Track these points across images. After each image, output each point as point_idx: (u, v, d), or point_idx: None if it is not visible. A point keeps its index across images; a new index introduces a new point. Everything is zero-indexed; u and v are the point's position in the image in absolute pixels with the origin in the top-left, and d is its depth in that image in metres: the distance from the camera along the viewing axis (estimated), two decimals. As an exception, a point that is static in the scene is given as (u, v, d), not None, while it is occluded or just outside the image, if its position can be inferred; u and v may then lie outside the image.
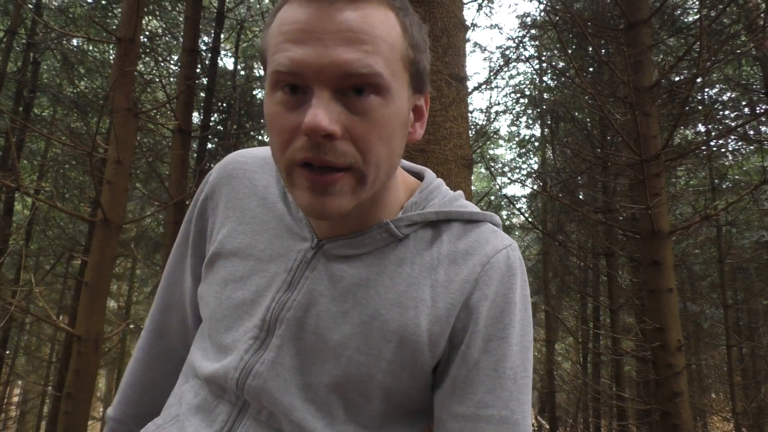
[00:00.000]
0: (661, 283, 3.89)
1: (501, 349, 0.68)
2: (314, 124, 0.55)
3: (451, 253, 0.70)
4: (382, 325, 0.67)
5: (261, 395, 0.68)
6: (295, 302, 0.68)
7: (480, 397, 0.67)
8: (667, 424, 3.74)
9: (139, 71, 6.12)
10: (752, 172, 7.89)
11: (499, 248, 0.70)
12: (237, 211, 0.76)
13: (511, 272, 0.70)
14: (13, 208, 7.06)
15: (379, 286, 0.68)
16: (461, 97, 1.42)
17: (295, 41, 0.58)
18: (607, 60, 4.59)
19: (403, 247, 0.70)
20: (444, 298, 0.68)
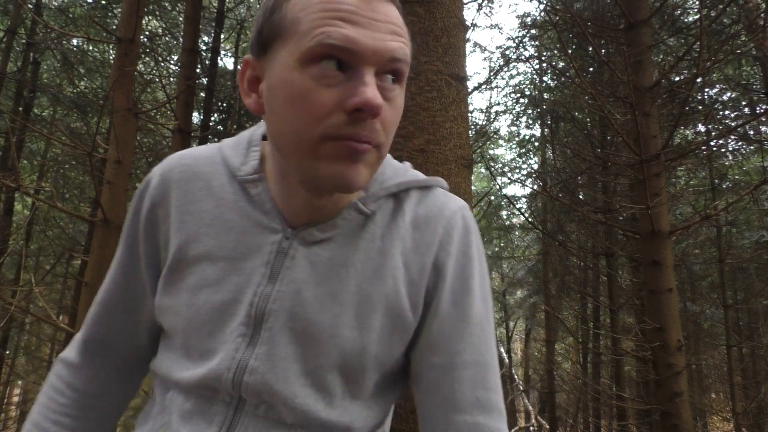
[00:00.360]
0: (661, 283, 3.89)
1: (467, 300, 0.75)
2: (375, 102, 0.58)
3: (413, 219, 0.75)
4: (366, 298, 0.71)
5: (260, 390, 0.69)
6: (280, 293, 0.70)
7: (453, 346, 0.74)
8: (667, 424, 3.74)
9: (139, 71, 6.12)
10: (752, 172, 7.89)
11: (455, 209, 0.78)
12: (194, 215, 0.74)
13: (467, 230, 0.78)
14: (13, 208, 7.06)
15: (357, 263, 0.72)
16: (461, 97, 1.42)
17: (347, 21, 0.60)
18: (607, 60, 4.59)
19: (371, 222, 0.74)
20: (415, 262, 0.74)
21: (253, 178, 0.73)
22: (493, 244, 13.24)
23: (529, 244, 12.19)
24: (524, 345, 15.86)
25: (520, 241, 12.57)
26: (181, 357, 0.74)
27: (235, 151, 0.77)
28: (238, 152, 0.77)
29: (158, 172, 0.77)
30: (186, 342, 0.73)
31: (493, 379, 0.76)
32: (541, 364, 11.69)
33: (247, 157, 0.75)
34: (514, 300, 14.43)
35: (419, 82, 1.36)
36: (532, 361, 14.44)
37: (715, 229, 6.93)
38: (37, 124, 7.24)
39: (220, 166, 0.76)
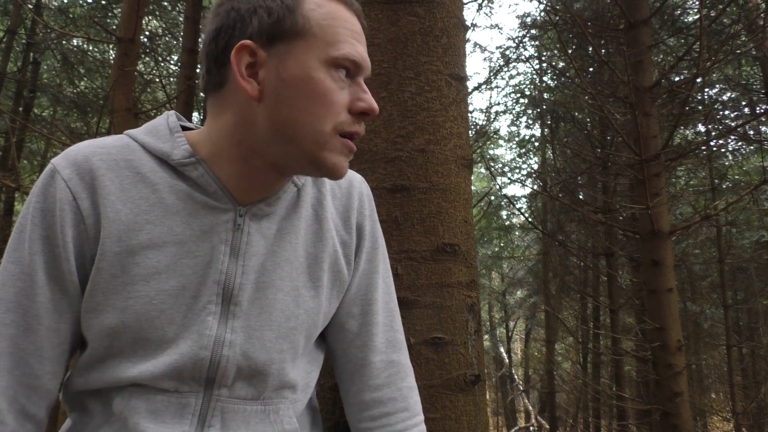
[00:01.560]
0: (661, 283, 3.89)
1: (377, 256, 0.90)
2: (375, 108, 0.72)
3: (331, 188, 0.87)
4: (315, 260, 0.81)
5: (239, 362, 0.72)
6: (245, 266, 0.74)
7: (369, 296, 0.88)
8: (667, 424, 3.74)
9: (139, 71, 6.11)
10: (752, 172, 7.88)
11: (360, 180, 0.91)
12: (127, 203, 0.70)
13: (371, 197, 0.92)
14: (13, 208, 7.06)
15: (300, 230, 0.80)
16: (461, 97, 1.42)
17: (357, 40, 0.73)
18: (607, 60, 4.59)
19: (303, 193, 0.83)
20: (342, 225, 0.86)
21: (191, 161, 0.74)
22: (493, 244, 13.23)
23: (529, 244, 12.18)
24: (524, 345, 15.86)
25: (520, 241, 12.55)
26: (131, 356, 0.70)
27: (157, 139, 0.76)
28: (161, 139, 0.76)
29: (67, 162, 0.71)
30: (137, 336, 0.69)
31: (398, 321, 0.91)
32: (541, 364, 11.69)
33: (174, 143, 0.75)
34: (514, 300, 14.42)
35: (419, 82, 1.36)
36: (532, 361, 14.43)
37: (715, 229, 6.92)
38: (37, 124, 7.24)
39: (141, 153, 0.74)
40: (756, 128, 6.96)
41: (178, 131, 0.77)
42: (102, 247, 0.70)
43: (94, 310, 0.70)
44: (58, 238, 0.70)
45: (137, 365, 0.70)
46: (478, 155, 8.76)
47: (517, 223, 12.40)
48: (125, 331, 0.70)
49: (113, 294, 0.69)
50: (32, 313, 0.70)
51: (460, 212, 1.32)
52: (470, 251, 1.32)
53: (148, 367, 0.69)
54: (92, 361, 0.73)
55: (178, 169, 0.74)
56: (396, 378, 0.87)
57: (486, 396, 1.36)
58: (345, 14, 0.73)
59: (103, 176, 0.71)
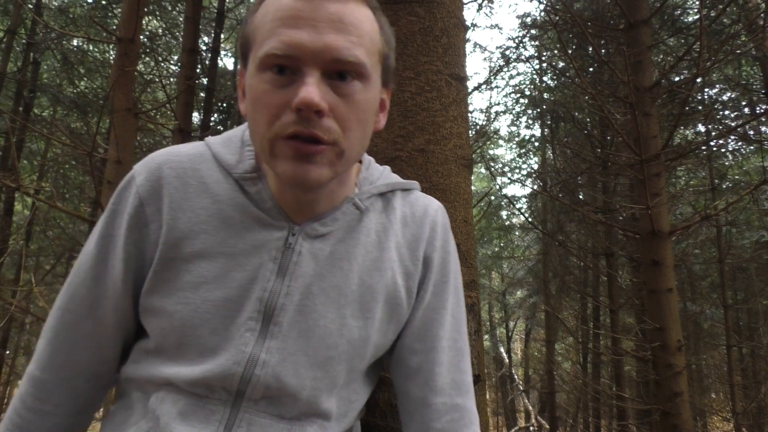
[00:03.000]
0: (661, 283, 3.89)
1: (447, 290, 0.83)
2: (309, 100, 0.61)
3: (402, 217, 0.81)
4: (369, 289, 0.75)
5: (269, 383, 0.70)
6: (290, 287, 0.72)
7: (434, 333, 0.81)
8: (667, 424, 3.74)
9: (139, 71, 6.11)
10: (752, 172, 7.88)
11: (436, 208, 0.85)
12: (188, 212, 0.73)
13: (446, 227, 0.85)
14: (13, 208, 7.05)
15: (357, 256, 0.76)
16: (461, 97, 1.42)
17: (290, 25, 0.63)
18: (607, 60, 4.59)
19: (366, 218, 0.78)
20: (408, 255, 0.80)
21: (252, 176, 0.74)
22: (493, 244, 13.23)
23: (529, 244, 12.19)
24: (524, 345, 15.86)
25: (520, 241, 12.55)
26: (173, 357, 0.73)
27: (228, 149, 0.77)
28: (231, 150, 0.77)
29: (144, 169, 0.75)
30: (181, 341, 0.71)
31: (467, 363, 0.83)
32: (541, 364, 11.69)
33: (242, 155, 0.76)
34: (514, 300, 14.42)
35: (419, 82, 1.36)
36: (532, 361, 14.43)
37: (715, 229, 6.92)
38: (37, 124, 7.24)
39: (211, 163, 0.76)
40: (756, 128, 6.96)
41: (249, 144, 0.77)
42: (160, 252, 0.73)
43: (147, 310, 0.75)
44: (121, 239, 0.74)
45: (175, 367, 0.72)
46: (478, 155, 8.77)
47: (517, 223, 12.41)
48: (171, 334, 0.72)
49: (165, 297, 0.72)
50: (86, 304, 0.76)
51: (460, 212, 1.32)
52: (470, 251, 1.32)
53: (185, 371, 0.71)
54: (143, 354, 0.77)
55: (239, 182, 0.75)
56: (459, 424, 0.79)
57: (486, 396, 1.36)
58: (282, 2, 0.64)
59: (169, 185, 0.74)
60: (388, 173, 0.85)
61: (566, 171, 7.49)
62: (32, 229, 7.82)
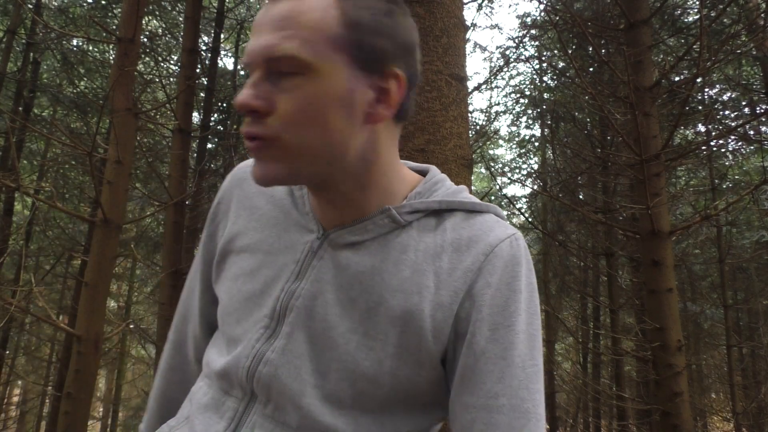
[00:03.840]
0: (661, 283, 3.89)
1: (508, 337, 0.69)
2: (238, 102, 0.63)
3: (455, 241, 0.71)
4: (387, 310, 0.69)
5: (270, 383, 0.70)
6: (304, 290, 0.71)
7: (489, 387, 0.68)
8: (667, 424, 3.74)
9: (139, 71, 6.11)
10: (752, 172, 7.88)
11: (502, 237, 0.71)
12: (247, 210, 0.80)
13: (515, 261, 0.71)
14: (13, 208, 7.05)
15: (383, 273, 0.70)
16: (461, 97, 1.42)
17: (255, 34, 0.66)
18: (607, 60, 4.59)
19: (406, 234, 0.71)
20: (447, 285, 0.69)
21: None
22: (493, 244, 13.21)
23: (529, 244, 12.18)
24: (524, 345, 15.83)
25: (520, 241, 12.52)
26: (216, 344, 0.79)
27: None
28: None
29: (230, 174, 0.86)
30: (222, 328, 0.77)
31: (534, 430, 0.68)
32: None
33: None
34: (514, 300, 14.39)
35: (419, 82, 1.36)
36: (532, 361, 14.42)
37: (715, 229, 6.92)
38: (37, 124, 7.24)
39: None
40: (756, 128, 6.96)
41: None
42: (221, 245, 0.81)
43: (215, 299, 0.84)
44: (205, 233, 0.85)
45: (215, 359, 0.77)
46: (478, 155, 8.76)
47: (517, 223, 12.40)
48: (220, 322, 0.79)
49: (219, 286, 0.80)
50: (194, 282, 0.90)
51: (460, 212, 1.32)
52: (470, 251, 1.32)
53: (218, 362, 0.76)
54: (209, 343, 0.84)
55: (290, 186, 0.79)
56: None
57: (486, 396, 1.35)
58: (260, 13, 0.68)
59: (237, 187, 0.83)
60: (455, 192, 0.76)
61: (566, 171, 7.49)
62: (32, 229, 7.81)
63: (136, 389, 12.59)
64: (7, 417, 10.14)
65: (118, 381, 11.91)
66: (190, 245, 5.80)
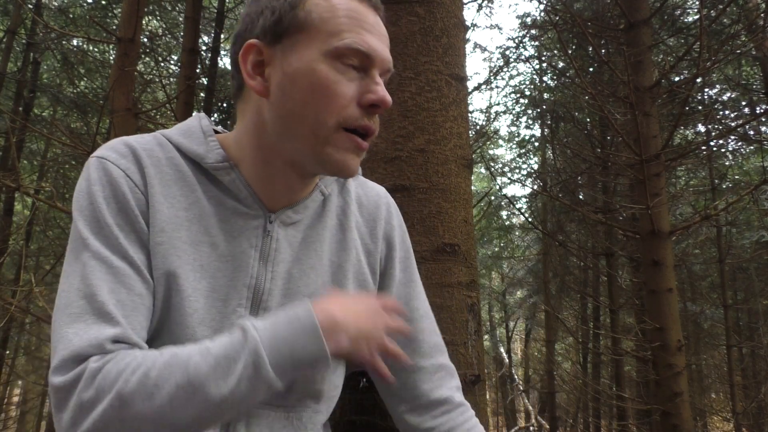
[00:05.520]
0: (661, 283, 3.89)
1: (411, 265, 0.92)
2: (388, 100, 0.70)
3: (357, 198, 0.87)
4: (339, 268, 0.81)
5: None
6: (274, 272, 0.75)
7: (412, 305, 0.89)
8: (667, 424, 3.74)
9: (139, 71, 6.11)
10: (752, 172, 7.88)
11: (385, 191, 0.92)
12: (169, 198, 0.72)
13: (397, 207, 0.93)
14: (13, 208, 7.05)
15: (325, 239, 0.80)
16: (461, 97, 1.42)
17: (368, 30, 0.71)
18: (607, 60, 4.59)
19: (329, 202, 0.83)
20: (368, 234, 0.86)
21: (224, 165, 0.74)
22: (493, 244, 13.23)
23: (529, 244, 12.18)
24: (524, 345, 15.86)
25: (520, 241, 12.55)
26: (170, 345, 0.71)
27: (191, 140, 0.76)
28: (195, 141, 0.76)
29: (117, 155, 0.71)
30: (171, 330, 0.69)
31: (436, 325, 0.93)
32: (541, 364, 11.68)
33: (208, 146, 0.75)
34: (514, 300, 14.42)
35: (419, 82, 1.36)
36: (532, 361, 14.43)
37: (715, 229, 6.92)
38: (37, 124, 7.24)
39: (176, 153, 0.75)
40: (756, 128, 6.96)
41: (211, 134, 0.77)
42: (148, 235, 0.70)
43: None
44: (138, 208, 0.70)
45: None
46: (478, 155, 8.76)
47: (517, 223, 12.40)
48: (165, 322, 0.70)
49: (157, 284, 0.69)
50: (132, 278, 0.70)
51: (460, 212, 1.32)
52: (470, 251, 1.32)
53: None
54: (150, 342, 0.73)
55: (210, 173, 0.75)
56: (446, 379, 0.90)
57: (486, 396, 1.36)
58: (354, 5, 0.71)
59: (147, 167, 0.71)
60: None
61: (566, 171, 7.49)
62: (32, 229, 7.82)
63: (136, 389, 12.55)
64: (7, 417, 10.14)
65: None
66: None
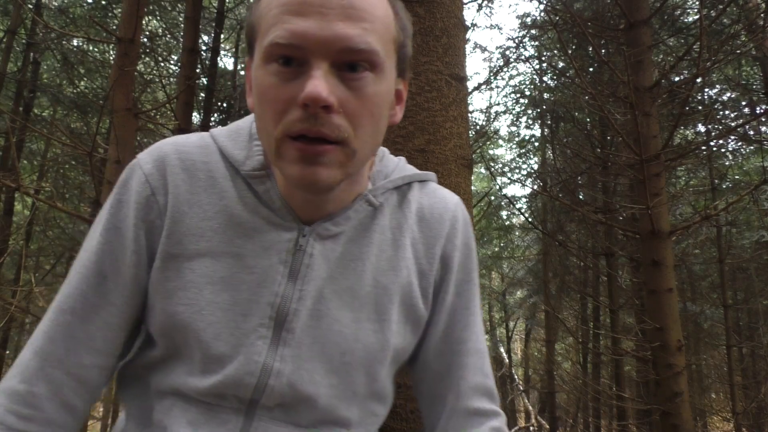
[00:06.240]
0: (661, 283, 3.89)
1: (469, 290, 0.79)
2: (316, 94, 0.56)
3: (418, 211, 0.76)
4: (383, 290, 0.71)
5: (284, 393, 0.66)
6: (303, 292, 0.67)
7: (458, 335, 0.77)
8: (667, 424, 3.74)
9: (139, 71, 6.12)
10: (752, 172, 7.88)
11: (456, 203, 0.79)
12: (194, 206, 0.68)
13: (467, 223, 0.80)
14: (13, 208, 7.06)
15: (371, 256, 0.71)
16: (461, 97, 1.42)
17: (296, 13, 0.58)
18: (607, 60, 4.59)
19: (380, 214, 0.73)
20: (424, 253, 0.75)
21: (260, 174, 0.69)
22: (493, 244, 13.23)
23: (529, 244, 12.18)
24: (524, 345, 15.86)
25: (520, 241, 12.54)
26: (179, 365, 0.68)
27: (235, 144, 0.72)
28: (239, 145, 0.72)
29: (149, 158, 0.70)
30: (185, 346, 0.67)
31: (489, 365, 0.80)
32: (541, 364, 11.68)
33: (250, 151, 0.71)
34: (514, 300, 14.42)
35: (419, 82, 1.36)
36: (532, 361, 14.43)
37: (715, 229, 6.92)
38: (37, 124, 7.24)
39: (217, 157, 0.71)
40: (756, 128, 6.96)
41: (257, 138, 0.71)
42: (163, 246, 0.68)
43: (150, 308, 0.70)
44: (130, 230, 0.68)
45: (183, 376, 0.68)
46: (478, 155, 8.76)
47: (517, 223, 12.40)
48: (174, 338, 0.67)
49: (165, 297, 0.67)
50: (90, 302, 0.68)
51: (460, 212, 1.32)
52: (470, 251, 1.32)
53: (193, 380, 0.67)
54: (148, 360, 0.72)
55: (247, 180, 0.70)
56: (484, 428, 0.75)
57: (486, 396, 1.35)
58: None
59: (176, 176, 0.69)
60: (404, 164, 0.79)
61: (566, 171, 7.49)
62: (32, 229, 7.82)
63: (136, 389, 12.57)
64: (7, 417, 10.11)
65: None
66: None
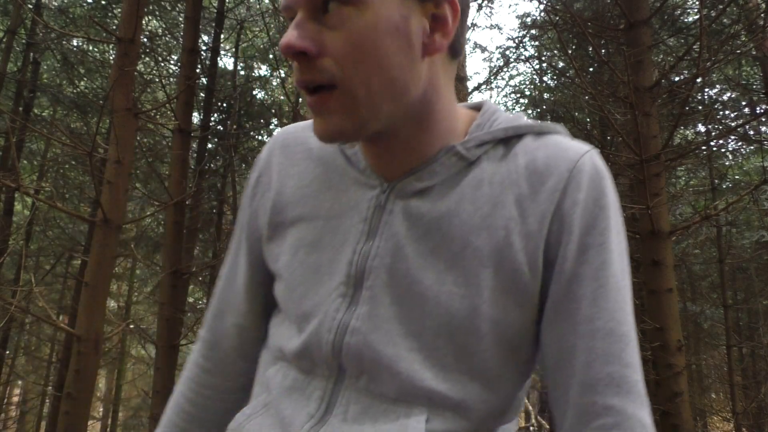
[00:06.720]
0: (661, 283, 3.89)
1: (600, 256, 0.63)
2: (283, 44, 0.57)
3: (529, 164, 0.65)
4: (474, 252, 0.63)
5: (362, 352, 0.64)
6: (380, 249, 0.65)
7: (583, 312, 0.62)
8: (667, 424, 3.74)
9: (139, 71, 6.11)
10: (752, 172, 7.88)
11: (582, 152, 0.65)
12: (293, 177, 0.74)
13: (600, 174, 0.65)
14: (13, 208, 7.06)
15: (461, 214, 0.64)
16: (461, 97, 1.43)
17: None
18: (607, 60, 4.59)
19: (477, 168, 0.66)
20: (533, 211, 0.63)
21: None
22: (493, 244, 13.24)
23: (529, 244, 12.18)
24: (524, 345, 15.83)
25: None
26: (284, 325, 0.73)
27: None
28: None
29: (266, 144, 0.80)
30: (287, 307, 0.72)
31: (632, 354, 0.63)
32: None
33: None
34: (514, 300, 14.41)
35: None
36: (532, 361, 14.42)
37: (715, 229, 6.92)
38: (37, 124, 7.24)
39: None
40: (756, 128, 6.96)
41: None
42: (269, 218, 0.75)
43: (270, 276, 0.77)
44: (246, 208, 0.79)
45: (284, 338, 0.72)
46: (478, 155, 8.77)
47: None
48: (281, 302, 0.73)
49: (273, 262, 0.74)
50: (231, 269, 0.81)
51: (460, 212, 1.32)
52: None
53: (292, 342, 0.69)
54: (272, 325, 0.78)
55: (340, 145, 0.73)
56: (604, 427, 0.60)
57: (486, 396, 1.35)
58: None
59: (279, 154, 0.77)
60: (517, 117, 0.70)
61: (566, 171, 7.48)
62: (32, 229, 7.82)
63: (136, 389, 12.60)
64: (7, 417, 10.14)
65: (118, 381, 11.92)
66: (191, 245, 5.79)
